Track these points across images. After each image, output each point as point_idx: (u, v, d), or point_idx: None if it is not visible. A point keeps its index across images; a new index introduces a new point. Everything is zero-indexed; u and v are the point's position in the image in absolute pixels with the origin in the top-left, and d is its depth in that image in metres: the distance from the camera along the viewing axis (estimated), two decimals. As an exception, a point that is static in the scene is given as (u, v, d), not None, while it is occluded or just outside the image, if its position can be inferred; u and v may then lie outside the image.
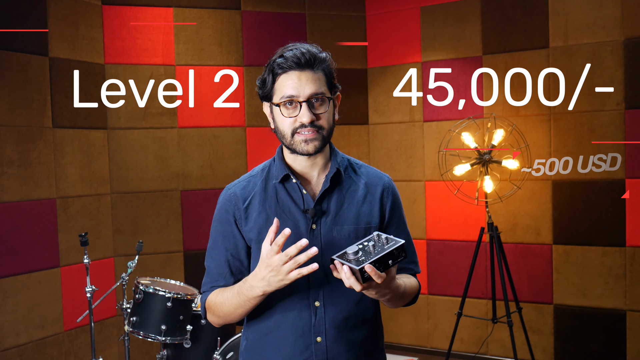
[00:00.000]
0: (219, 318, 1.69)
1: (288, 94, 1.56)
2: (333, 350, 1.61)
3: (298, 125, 1.57)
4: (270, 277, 1.48)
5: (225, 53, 4.59)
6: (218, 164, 4.59)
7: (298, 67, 1.56)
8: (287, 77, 1.57)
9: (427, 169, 4.75)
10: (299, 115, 1.57)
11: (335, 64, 1.67)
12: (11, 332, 3.70)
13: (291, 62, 1.56)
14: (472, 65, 4.55)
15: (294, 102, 1.56)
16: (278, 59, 1.59)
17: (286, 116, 1.58)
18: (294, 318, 1.61)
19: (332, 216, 1.64)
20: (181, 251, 4.52)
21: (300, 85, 1.56)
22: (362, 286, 1.41)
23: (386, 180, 1.74)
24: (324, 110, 1.59)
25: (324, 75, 1.60)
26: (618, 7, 4.05)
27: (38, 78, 3.88)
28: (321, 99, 1.58)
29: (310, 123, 1.56)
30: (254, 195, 1.67)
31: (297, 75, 1.56)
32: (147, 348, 4.42)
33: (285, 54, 1.58)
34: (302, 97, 1.56)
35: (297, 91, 1.56)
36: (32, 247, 3.83)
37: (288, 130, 1.59)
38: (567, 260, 4.28)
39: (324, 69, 1.60)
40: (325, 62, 1.61)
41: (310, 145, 1.58)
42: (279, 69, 1.58)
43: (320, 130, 1.59)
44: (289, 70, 1.57)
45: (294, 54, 1.56)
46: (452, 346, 4.19)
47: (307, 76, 1.56)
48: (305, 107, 1.56)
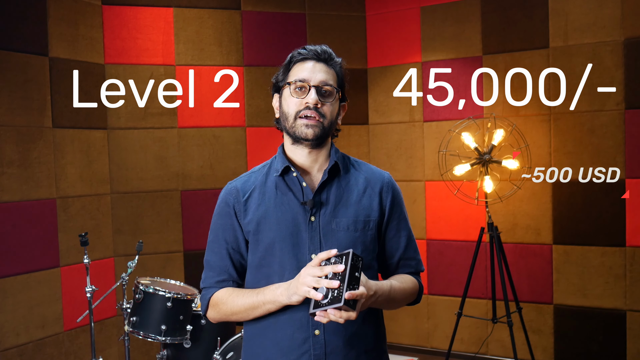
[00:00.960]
0: (222, 316, 1.71)
1: (301, 77, 1.66)
2: (332, 343, 1.61)
3: (303, 107, 1.65)
4: (293, 282, 1.53)
5: (225, 53, 4.59)
6: (218, 164, 4.59)
7: (315, 58, 1.69)
8: (303, 63, 1.69)
9: (427, 169, 4.75)
10: (306, 97, 1.65)
11: (348, 76, 1.77)
12: (11, 332, 3.70)
13: (310, 52, 1.69)
14: (472, 65, 4.55)
15: (304, 87, 1.66)
16: (298, 50, 1.71)
17: (294, 96, 1.66)
18: (292, 311, 1.61)
19: (331, 208, 1.66)
20: (181, 251, 4.52)
21: (314, 72, 1.67)
22: (356, 312, 1.44)
23: (386, 177, 1.77)
24: (330, 100, 1.68)
25: (336, 74, 1.71)
26: (618, 7, 4.05)
27: (38, 78, 3.88)
28: (329, 90, 1.67)
29: (315, 107, 1.64)
30: (254, 189, 1.71)
31: (313, 64, 1.68)
32: (147, 348, 4.42)
33: (306, 47, 1.71)
34: (312, 82, 1.65)
35: (310, 76, 1.66)
36: (32, 247, 3.83)
37: (292, 112, 1.67)
38: (567, 260, 4.28)
39: (337, 68, 1.72)
40: (339, 64, 1.73)
41: (310, 130, 1.65)
42: (298, 56, 1.70)
43: (322, 119, 1.66)
44: (306, 58, 1.69)
45: (314, 48, 1.70)
46: (452, 346, 4.19)
47: (321, 67, 1.68)
48: (314, 90, 1.65)
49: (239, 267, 1.73)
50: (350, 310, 1.42)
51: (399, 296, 1.67)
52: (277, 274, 1.64)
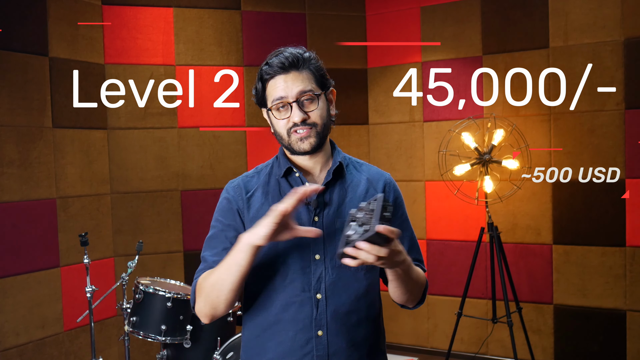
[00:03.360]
0: (207, 299, 1.60)
1: (277, 96, 1.62)
2: (334, 345, 1.60)
3: (291, 125, 1.62)
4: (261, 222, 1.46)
5: (225, 53, 4.59)
6: (218, 164, 4.59)
7: (283, 71, 1.62)
8: (274, 82, 1.63)
9: (427, 169, 4.75)
10: (290, 115, 1.62)
11: (322, 62, 1.70)
12: (11, 332, 3.70)
13: (276, 67, 1.62)
14: (472, 65, 4.55)
15: (285, 105, 1.62)
16: (264, 67, 1.65)
17: (279, 118, 1.63)
18: (294, 311, 1.60)
19: (334, 208, 1.65)
20: (181, 251, 4.52)
21: (287, 86, 1.61)
22: (387, 248, 1.37)
23: (387, 177, 1.77)
24: (315, 108, 1.63)
25: (311, 74, 1.64)
26: (618, 7, 4.05)
27: (38, 78, 3.88)
28: (310, 97, 1.63)
29: (303, 122, 1.61)
30: (257, 188, 1.70)
31: (284, 79, 1.62)
32: (147, 348, 4.42)
33: (269, 61, 1.64)
34: (291, 98, 1.61)
35: (285, 92, 1.61)
36: (32, 247, 3.83)
37: (284, 131, 1.64)
38: (567, 260, 4.28)
39: (310, 67, 1.65)
40: (310, 61, 1.65)
41: (306, 143, 1.63)
42: (266, 75, 1.64)
43: (314, 127, 1.63)
44: (275, 75, 1.63)
45: (277, 59, 1.63)
46: (452, 346, 4.20)
47: (293, 77, 1.62)
48: (296, 106, 1.61)
49: None
50: (382, 246, 1.36)
51: (415, 276, 1.63)
52: (280, 275, 1.62)
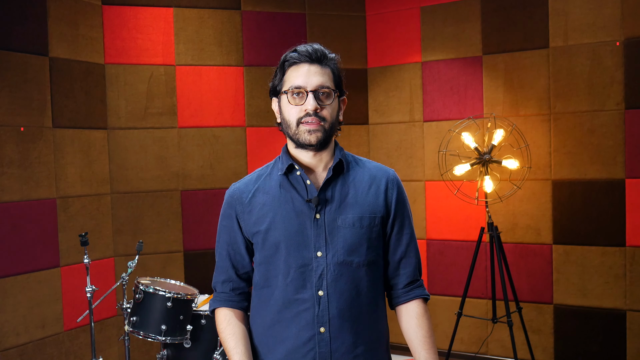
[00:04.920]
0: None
1: (296, 83, 1.64)
2: (337, 341, 1.61)
3: (303, 114, 1.64)
4: None
5: (225, 53, 4.59)
6: (218, 164, 4.59)
7: (308, 61, 1.65)
8: (297, 68, 1.65)
9: (427, 169, 4.75)
10: (304, 103, 1.64)
11: (344, 70, 1.74)
12: (11, 332, 3.70)
13: (303, 56, 1.65)
14: (472, 65, 4.55)
15: (301, 93, 1.64)
16: (291, 53, 1.68)
17: (293, 104, 1.65)
18: (297, 309, 1.62)
19: (336, 205, 1.66)
20: (181, 251, 4.52)
21: (309, 76, 1.64)
22: None
23: (391, 173, 1.76)
24: (329, 103, 1.66)
25: (332, 73, 1.69)
26: (618, 7, 4.05)
27: (38, 78, 3.88)
28: (327, 93, 1.65)
29: (315, 113, 1.63)
30: (258, 188, 1.72)
31: (307, 68, 1.65)
32: (147, 348, 4.42)
33: (297, 49, 1.68)
34: (309, 87, 1.63)
35: (305, 82, 1.63)
36: (32, 247, 3.83)
37: (293, 120, 1.65)
38: (567, 260, 4.28)
39: (332, 67, 1.69)
40: (333, 61, 1.70)
41: (313, 135, 1.64)
42: (291, 61, 1.67)
43: (323, 122, 1.65)
44: (299, 62, 1.65)
45: (305, 49, 1.66)
46: (452, 346, 4.20)
47: (316, 69, 1.65)
48: (311, 96, 1.63)
49: (239, 268, 1.75)
50: None
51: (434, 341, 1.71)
52: (282, 272, 1.64)
